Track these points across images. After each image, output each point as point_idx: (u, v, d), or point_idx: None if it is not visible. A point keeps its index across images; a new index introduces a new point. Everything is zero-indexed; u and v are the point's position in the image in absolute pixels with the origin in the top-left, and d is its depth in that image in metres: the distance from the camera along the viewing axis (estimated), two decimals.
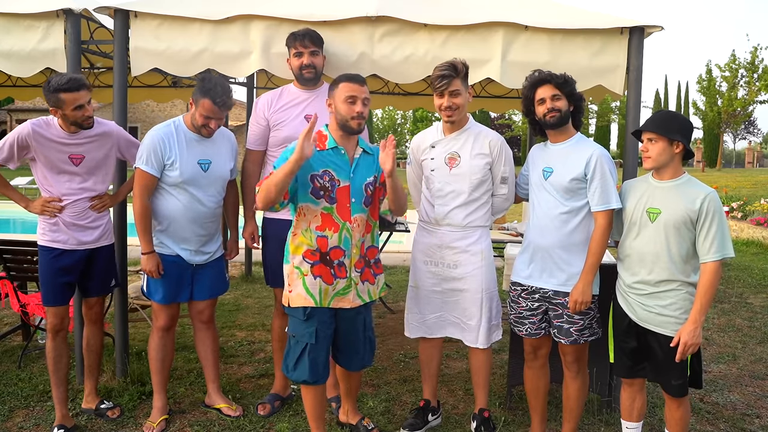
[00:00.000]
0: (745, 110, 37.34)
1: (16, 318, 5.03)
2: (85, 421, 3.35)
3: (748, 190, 18.70)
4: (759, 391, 4.01)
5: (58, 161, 3.09)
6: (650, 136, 2.63)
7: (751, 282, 7.35)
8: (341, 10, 3.44)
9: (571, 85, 2.88)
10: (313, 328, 2.80)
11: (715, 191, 2.60)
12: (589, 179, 2.82)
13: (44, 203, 3.12)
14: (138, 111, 32.45)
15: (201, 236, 3.25)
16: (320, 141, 2.79)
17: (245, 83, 6.46)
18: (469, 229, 3.13)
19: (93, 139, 3.16)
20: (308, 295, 2.78)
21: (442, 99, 3.01)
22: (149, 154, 3.08)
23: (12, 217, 13.85)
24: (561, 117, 2.86)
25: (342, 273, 2.81)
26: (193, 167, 3.15)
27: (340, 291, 2.83)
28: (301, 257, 2.79)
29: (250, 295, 6.20)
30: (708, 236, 2.55)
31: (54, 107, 3.00)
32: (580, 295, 2.81)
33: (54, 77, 2.97)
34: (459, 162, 3.09)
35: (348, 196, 2.79)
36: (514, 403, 3.66)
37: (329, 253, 2.78)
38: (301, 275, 2.79)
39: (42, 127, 3.06)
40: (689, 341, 2.54)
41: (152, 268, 3.16)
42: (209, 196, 3.23)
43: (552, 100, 2.85)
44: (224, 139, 3.33)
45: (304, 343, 2.81)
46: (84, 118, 3.03)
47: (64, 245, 3.16)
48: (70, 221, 3.15)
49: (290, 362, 2.85)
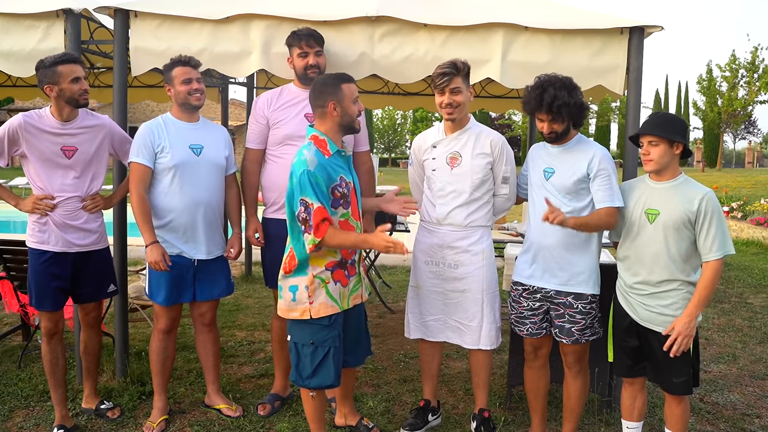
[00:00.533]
0: (745, 110, 37.35)
1: (16, 318, 5.03)
2: (85, 421, 3.35)
3: (748, 190, 18.70)
4: (759, 391, 4.01)
5: (50, 154, 3.03)
6: (651, 139, 2.65)
7: (751, 282, 7.35)
8: (341, 10, 3.44)
9: (570, 107, 2.79)
10: (337, 332, 2.78)
11: (712, 191, 2.63)
12: (592, 179, 2.83)
13: (36, 201, 3.04)
14: (138, 111, 32.50)
15: (202, 228, 3.22)
16: (322, 147, 2.71)
17: (245, 83, 6.46)
18: (471, 228, 3.13)
19: (86, 130, 3.13)
20: (333, 301, 2.75)
21: (443, 96, 3.02)
22: (139, 147, 3.11)
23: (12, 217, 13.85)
24: (561, 134, 2.87)
25: (353, 271, 2.87)
26: (185, 151, 3.16)
27: (353, 289, 2.88)
28: (323, 268, 2.74)
29: (250, 295, 6.20)
30: (708, 236, 2.57)
31: (50, 83, 2.96)
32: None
33: (47, 57, 2.97)
34: (460, 162, 3.09)
35: (355, 195, 2.83)
36: (514, 403, 3.66)
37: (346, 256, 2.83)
38: (324, 284, 2.74)
39: (33, 118, 3.02)
40: (682, 332, 2.57)
41: (158, 259, 3.05)
42: (206, 184, 3.21)
43: (550, 123, 2.84)
44: (217, 128, 3.38)
45: (327, 347, 2.75)
46: (80, 92, 3.00)
47: (54, 247, 3.08)
48: (61, 221, 3.07)
49: (307, 370, 2.76)
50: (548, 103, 2.78)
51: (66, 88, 2.97)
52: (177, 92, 3.18)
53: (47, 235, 3.08)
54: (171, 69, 3.17)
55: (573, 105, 2.80)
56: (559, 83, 2.79)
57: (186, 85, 3.15)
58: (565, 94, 2.78)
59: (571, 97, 2.79)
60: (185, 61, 3.17)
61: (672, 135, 2.61)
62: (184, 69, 3.15)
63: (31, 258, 3.11)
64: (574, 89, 2.83)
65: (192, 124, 3.25)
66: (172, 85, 3.18)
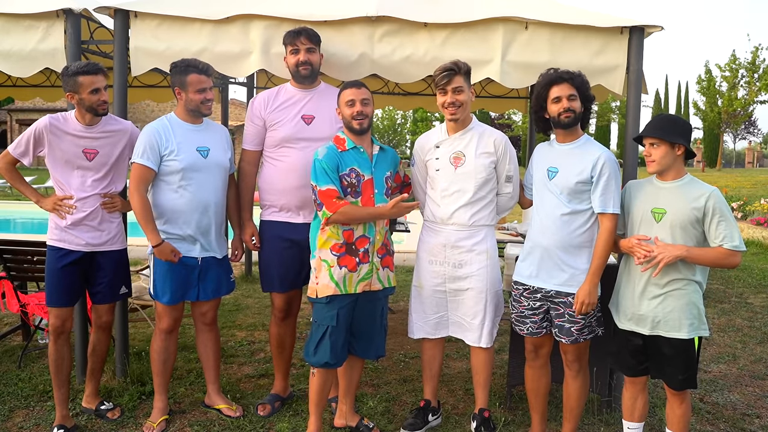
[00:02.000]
0: (745, 110, 37.33)
1: (16, 318, 5.03)
2: (85, 421, 3.35)
3: (748, 190, 18.70)
4: (759, 391, 4.01)
5: (71, 155, 3.11)
6: (652, 141, 2.66)
7: (751, 282, 7.35)
8: (341, 10, 3.44)
9: (587, 86, 2.88)
10: (335, 312, 2.97)
11: (717, 189, 2.63)
12: (595, 182, 2.83)
13: (56, 201, 3.13)
14: (138, 111, 32.48)
15: (209, 229, 3.23)
16: (339, 144, 3.01)
17: (245, 83, 6.46)
18: (475, 228, 3.13)
19: (108, 135, 3.19)
20: (333, 282, 2.95)
21: (445, 96, 3.03)
22: (145, 148, 3.09)
23: (12, 217, 13.85)
24: (575, 118, 2.86)
25: (366, 259, 2.99)
26: (193, 154, 3.16)
27: (364, 276, 2.99)
28: (329, 251, 2.96)
29: (250, 295, 6.21)
30: (718, 231, 2.59)
31: (71, 92, 3.05)
32: (586, 296, 2.82)
33: (72, 64, 3.07)
34: (464, 161, 3.09)
35: (372, 187, 2.99)
36: (514, 403, 3.66)
37: (355, 242, 2.97)
38: (328, 267, 2.96)
39: (59, 120, 3.11)
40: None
41: (169, 257, 3.10)
42: (210, 187, 3.22)
43: (568, 99, 2.83)
44: (219, 129, 3.38)
45: (325, 326, 2.98)
46: (99, 102, 3.06)
47: (70, 245, 3.16)
48: (79, 220, 3.14)
49: (311, 347, 3.02)
50: (570, 75, 2.84)
51: (85, 98, 3.04)
52: (190, 99, 3.16)
53: (65, 234, 3.15)
54: (186, 74, 3.12)
55: (588, 86, 2.88)
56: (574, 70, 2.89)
57: (201, 94, 3.15)
58: (581, 77, 2.86)
59: (586, 83, 2.87)
60: (202, 69, 3.14)
61: (672, 137, 2.62)
62: (200, 78, 3.13)
63: (49, 255, 3.18)
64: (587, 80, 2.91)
65: (197, 126, 3.25)
66: (185, 91, 3.15)
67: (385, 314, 3.17)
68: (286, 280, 3.35)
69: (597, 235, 2.86)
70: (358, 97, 2.96)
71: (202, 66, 3.15)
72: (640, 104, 3.52)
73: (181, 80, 3.14)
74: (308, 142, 3.24)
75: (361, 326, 3.09)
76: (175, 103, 3.26)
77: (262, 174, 3.42)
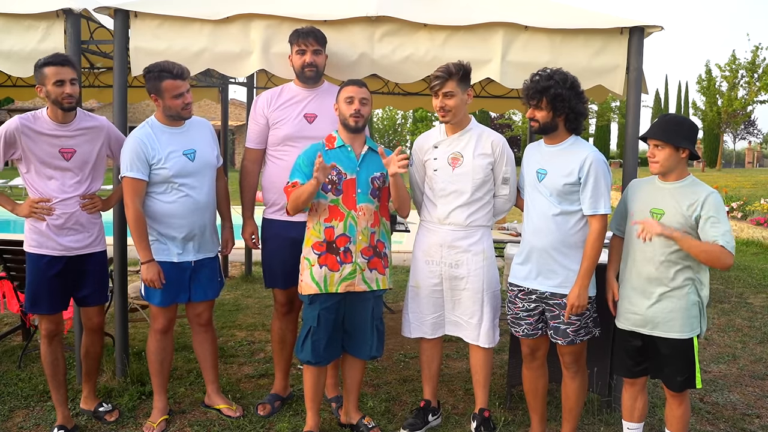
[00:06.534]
0: (745, 110, 37.34)
1: (16, 318, 5.03)
2: (85, 421, 3.34)
3: (748, 190, 18.68)
4: (759, 391, 4.01)
5: (48, 156, 2.99)
6: (657, 143, 2.65)
7: (751, 282, 7.35)
8: (341, 10, 3.44)
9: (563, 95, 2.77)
10: (316, 312, 3.03)
11: (716, 191, 2.62)
12: (583, 183, 2.82)
13: (32, 205, 3.00)
14: (138, 111, 32.45)
15: (201, 231, 3.21)
16: (329, 142, 3.06)
17: (245, 83, 6.46)
18: (471, 228, 3.13)
19: (84, 132, 3.08)
20: (313, 283, 3.01)
21: (436, 100, 3.06)
22: (132, 160, 3.02)
23: (12, 218, 13.85)
24: (541, 127, 2.89)
25: (348, 258, 3.00)
26: (180, 159, 3.10)
27: (346, 276, 3.01)
28: (310, 248, 3.03)
29: (250, 295, 6.20)
30: (711, 232, 2.55)
31: (39, 84, 2.93)
32: (576, 298, 2.81)
33: (44, 56, 2.94)
34: (462, 162, 3.10)
35: (354, 186, 3.00)
36: (514, 403, 3.66)
37: (335, 241, 2.99)
38: (309, 266, 3.02)
39: (29, 120, 2.97)
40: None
41: (153, 278, 3.06)
42: (202, 188, 3.18)
43: (533, 109, 2.87)
44: (202, 126, 3.30)
45: (308, 325, 3.06)
46: (64, 95, 2.90)
47: (52, 251, 3.04)
48: (59, 224, 3.03)
49: (299, 343, 3.11)
50: (537, 89, 2.80)
51: (50, 90, 2.90)
52: (168, 106, 3.07)
53: (45, 239, 3.04)
54: (160, 80, 3.02)
55: (564, 99, 2.78)
56: (561, 76, 2.80)
57: (178, 99, 3.06)
58: (560, 88, 2.77)
59: (566, 90, 2.77)
60: (177, 74, 3.03)
61: (676, 141, 2.61)
62: (176, 83, 3.03)
63: (29, 262, 3.07)
64: (575, 88, 2.82)
65: (180, 129, 3.18)
66: (161, 98, 3.05)
67: (378, 316, 3.14)
68: (288, 277, 3.35)
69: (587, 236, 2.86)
70: (358, 96, 2.97)
71: (176, 70, 3.03)
72: (640, 104, 3.53)
73: (156, 87, 3.04)
74: (310, 140, 3.24)
75: (352, 325, 3.11)
76: None
77: (264, 173, 3.42)
